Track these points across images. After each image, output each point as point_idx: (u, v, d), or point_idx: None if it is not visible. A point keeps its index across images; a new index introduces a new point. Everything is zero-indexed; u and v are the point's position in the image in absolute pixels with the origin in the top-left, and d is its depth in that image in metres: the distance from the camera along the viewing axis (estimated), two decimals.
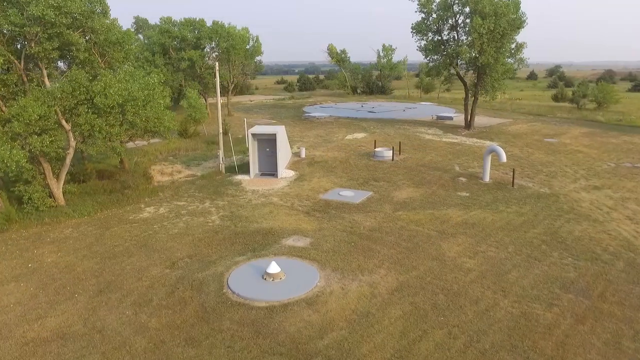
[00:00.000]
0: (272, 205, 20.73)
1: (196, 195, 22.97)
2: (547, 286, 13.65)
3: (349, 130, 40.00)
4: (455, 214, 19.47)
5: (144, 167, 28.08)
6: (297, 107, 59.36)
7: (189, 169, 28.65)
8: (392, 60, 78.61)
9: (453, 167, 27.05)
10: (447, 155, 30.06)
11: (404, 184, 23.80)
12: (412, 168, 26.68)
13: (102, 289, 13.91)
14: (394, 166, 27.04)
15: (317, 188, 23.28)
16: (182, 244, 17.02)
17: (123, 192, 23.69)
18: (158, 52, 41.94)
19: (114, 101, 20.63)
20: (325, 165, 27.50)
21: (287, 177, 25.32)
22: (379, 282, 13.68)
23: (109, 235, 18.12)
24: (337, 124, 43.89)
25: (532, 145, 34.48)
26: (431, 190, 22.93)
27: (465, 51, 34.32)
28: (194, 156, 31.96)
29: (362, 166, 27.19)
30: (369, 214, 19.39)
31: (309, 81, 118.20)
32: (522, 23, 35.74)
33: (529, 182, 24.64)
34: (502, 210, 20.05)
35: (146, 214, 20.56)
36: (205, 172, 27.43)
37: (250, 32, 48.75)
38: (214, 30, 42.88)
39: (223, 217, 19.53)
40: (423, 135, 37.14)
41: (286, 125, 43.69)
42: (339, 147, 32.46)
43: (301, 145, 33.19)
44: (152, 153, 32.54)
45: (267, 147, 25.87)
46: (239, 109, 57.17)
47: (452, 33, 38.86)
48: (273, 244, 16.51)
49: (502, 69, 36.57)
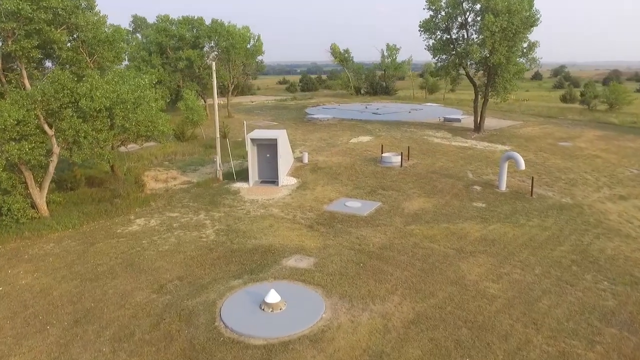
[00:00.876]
0: (272, 218, 19.05)
1: (190, 205, 21.32)
2: (584, 317, 11.95)
3: (353, 133, 38.30)
4: (472, 229, 17.77)
5: (136, 174, 26.44)
6: (299, 108, 57.69)
7: (184, 175, 27.02)
8: (397, 60, 76.88)
9: (466, 174, 25.33)
10: (458, 160, 28.35)
11: (414, 194, 22.10)
12: (422, 175, 24.97)
13: (78, 319, 12.26)
14: (403, 173, 25.34)
15: (321, 198, 21.60)
16: (172, 263, 15.38)
17: (112, 201, 22.07)
18: (155, 52, 40.32)
19: (101, 104, 19.05)
20: (329, 172, 25.82)
21: (289, 185, 23.66)
22: (393, 313, 11.99)
23: (93, 252, 16.48)
24: (340, 126, 42.19)
25: (546, 149, 32.74)
26: (444, 200, 21.22)
27: (476, 50, 32.58)
28: (190, 161, 30.33)
29: (369, 173, 25.50)
30: (378, 229, 17.70)
31: (311, 81, 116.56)
32: (536, 21, 34.00)
33: (548, 190, 22.91)
34: (523, 224, 18.34)
35: (135, 227, 18.92)
36: (201, 179, 25.79)
37: (251, 31, 47.12)
38: (213, 29, 41.25)
39: (218, 232, 17.87)
40: (431, 139, 35.41)
41: (288, 127, 42.05)
42: (343, 152, 30.78)
43: (304, 150, 31.51)
44: (147, 157, 30.94)
45: (267, 153, 24.22)
46: (239, 110, 55.53)
47: (461, 31, 37.14)
48: (273, 264, 14.84)
49: (514, 69, 34.83)
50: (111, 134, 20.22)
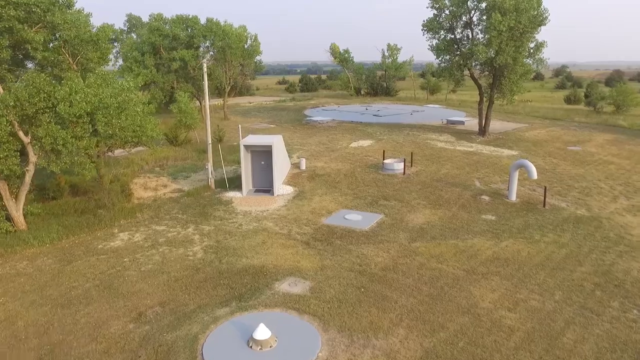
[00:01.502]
0: (266, 233, 17.61)
1: (179, 217, 19.89)
2: (616, 356, 10.52)
3: (353, 136, 36.88)
4: (483, 246, 16.33)
5: (124, 181, 24.99)
6: (298, 109, 56.27)
7: (175, 183, 25.59)
8: (398, 60, 75.45)
9: (473, 183, 23.90)
10: (464, 167, 26.91)
11: (419, 204, 20.66)
12: (426, 184, 23.53)
13: (42, 357, 10.84)
14: (406, 181, 23.90)
15: (319, 209, 20.17)
16: (154, 286, 13.96)
17: (96, 212, 20.64)
18: (148, 52, 38.88)
19: (81, 109, 17.59)
20: (328, 180, 24.39)
21: (285, 194, 22.22)
22: (399, 350, 10.56)
23: (70, 272, 15.06)
24: (340, 129, 40.76)
25: (555, 154, 31.31)
26: (451, 212, 19.79)
27: (482, 51, 31.14)
28: (183, 167, 28.88)
29: (370, 181, 24.06)
30: (380, 246, 16.26)
31: (311, 82, 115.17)
32: (544, 20, 32.55)
33: (561, 201, 21.48)
34: (537, 240, 16.90)
35: (118, 242, 17.50)
36: (193, 187, 24.35)
37: (248, 31, 45.69)
38: (208, 28, 39.80)
39: (207, 249, 16.44)
40: (435, 143, 33.98)
41: (286, 130, 40.66)
42: (343, 157, 29.34)
43: (301, 155, 30.09)
44: (138, 163, 29.48)
45: (262, 160, 22.79)
46: (236, 111, 54.10)
47: (465, 31, 35.68)
48: (264, 288, 13.41)
49: (520, 70, 33.39)
50: (93, 141, 18.76)
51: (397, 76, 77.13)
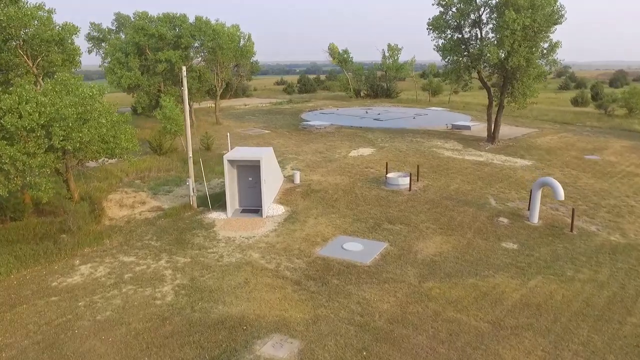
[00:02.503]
0: (250, 268, 14.94)
1: (152, 245, 17.22)
2: None
3: (353, 143, 34.24)
4: (508, 286, 13.69)
5: (97, 198, 22.32)
6: (294, 113, 53.62)
7: (155, 199, 22.94)
8: (399, 60, 72.80)
9: (487, 201, 21.26)
10: (475, 181, 24.26)
11: (428, 229, 18.00)
12: (435, 202, 20.88)
13: None
14: (413, 199, 21.24)
15: (313, 236, 17.49)
16: (108, 344, 11.31)
17: (58, 238, 17.98)
18: (132, 53, 36.19)
19: (32, 121, 14.95)
20: (324, 197, 21.72)
21: (275, 215, 19.57)
22: None
23: (9, 322, 12.40)
24: (339, 135, 38.11)
25: (572, 164, 28.68)
26: (466, 239, 17.13)
27: (494, 52, 28.47)
28: (165, 180, 26.22)
29: (372, 199, 21.40)
30: (386, 287, 13.61)
31: (310, 82, 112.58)
32: (560, 18, 29.92)
33: (589, 223, 18.85)
34: (571, 278, 14.26)
35: (77, 278, 14.85)
36: (173, 205, 21.69)
37: (241, 31, 43.02)
38: (197, 27, 37.14)
39: (179, 290, 13.78)
40: (441, 152, 31.34)
41: (281, 136, 38.01)
42: (341, 169, 26.68)
43: (295, 166, 27.45)
44: (117, 175, 26.85)
45: (249, 176, 20.14)
46: (229, 115, 51.41)
47: (474, 30, 33.04)
48: (242, 351, 10.76)
49: (534, 72, 30.74)
50: (50, 157, 16.13)
51: (397, 77, 74.49)
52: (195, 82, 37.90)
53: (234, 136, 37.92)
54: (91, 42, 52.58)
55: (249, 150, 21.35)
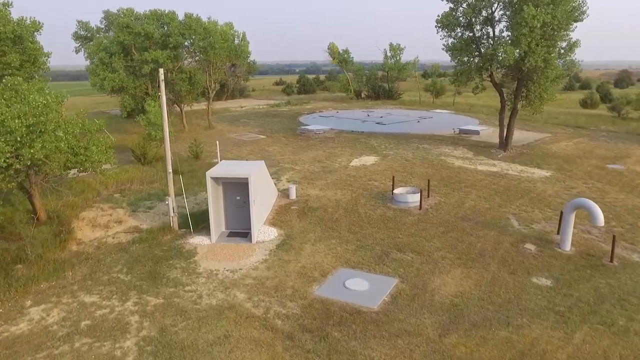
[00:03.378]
0: (233, 315, 12.35)
1: (120, 279, 14.65)
2: None
3: (354, 151, 31.67)
4: (550, 342, 11.11)
5: (66, 217, 19.75)
6: (293, 115, 51.04)
7: (134, 217, 20.40)
8: (401, 60, 70.23)
9: (509, 221, 18.69)
10: (492, 196, 21.69)
11: (445, 259, 15.43)
12: (450, 224, 18.30)
13: None
14: (424, 220, 18.66)
15: (310, 268, 14.92)
16: None
17: (12, 269, 15.42)
18: (117, 53, 33.61)
19: None
20: (323, 217, 19.15)
21: (267, 240, 16.99)
22: None
23: None
24: (339, 141, 35.55)
25: (595, 175, 26.11)
26: (489, 272, 14.57)
27: (510, 52, 25.87)
28: (148, 193, 23.64)
29: (378, 219, 18.82)
30: (398, 343, 11.03)
31: (309, 82, 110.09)
32: (582, 14, 27.35)
33: (630, 250, 16.28)
34: (625, 329, 11.68)
35: (23, 326, 12.29)
36: (152, 226, 19.14)
37: (235, 29, 40.48)
38: (187, 25, 34.58)
39: (144, 345, 11.21)
40: (451, 161, 28.77)
41: (277, 142, 35.44)
42: (342, 182, 24.11)
43: (292, 178, 24.89)
44: (95, 187, 24.30)
45: (237, 195, 17.59)
46: (224, 118, 48.82)
47: (485, 28, 30.45)
48: None
49: (552, 74, 28.16)
50: None
51: (400, 77, 71.92)
52: (185, 84, 35.32)
53: (226, 142, 35.39)
54: (78, 41, 49.93)
55: (237, 165, 18.75)
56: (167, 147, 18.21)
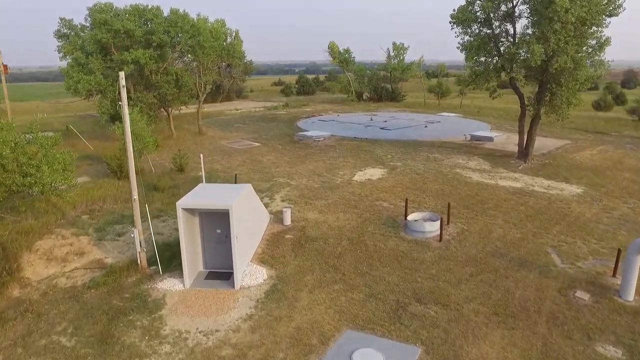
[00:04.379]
0: None
1: (61, 345, 11.34)
2: None
3: (358, 161, 28.41)
4: None
5: (14, 250, 16.46)
6: (290, 119, 47.77)
7: (99, 247, 17.16)
8: (405, 60, 66.99)
9: (549, 256, 15.40)
10: (523, 222, 18.40)
11: (478, 315, 12.12)
12: (479, 261, 15.01)
13: None
14: (447, 256, 15.36)
15: (307, 330, 11.61)
16: None
17: None
18: (95, 52, 30.32)
19: None
20: (323, 251, 15.86)
21: (254, 285, 13.69)
22: None
23: None
24: (341, 149, 32.29)
25: (635, 192, 22.82)
26: (538, 336, 11.26)
27: (537, 50, 22.55)
28: (121, 215, 20.41)
29: (390, 255, 15.52)
30: None
31: (308, 83, 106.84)
32: (617, 8, 24.07)
33: None
34: None
35: None
36: (117, 261, 15.87)
37: (227, 27, 37.16)
38: (172, 22, 31.28)
39: None
40: (467, 174, 25.50)
41: (272, 151, 32.13)
42: (345, 202, 20.84)
43: (287, 195, 21.63)
44: (60, 208, 21.06)
45: (217, 228, 14.30)
46: (216, 123, 45.54)
47: (504, 25, 27.16)
48: None
49: (582, 75, 24.87)
50: None
51: (403, 78, 68.65)
52: (171, 86, 32.01)
53: (216, 151, 32.09)
54: (62, 39, 46.50)
55: (217, 190, 15.36)
56: (132, 169, 14.84)
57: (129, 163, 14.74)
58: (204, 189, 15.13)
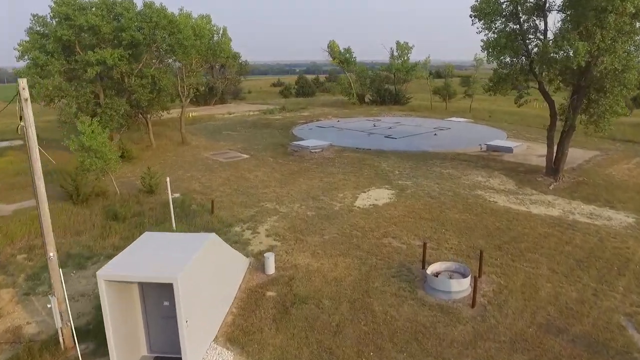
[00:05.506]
0: None
1: None
2: None
3: (360, 179, 24.29)
4: None
5: None
6: (285, 125, 43.63)
7: (23, 305, 13.21)
8: (409, 60, 62.78)
9: (624, 332, 11.23)
10: (575, 270, 14.22)
11: None
12: (530, 341, 10.81)
13: None
14: (484, 333, 11.16)
15: None
16: None
17: None
18: (56, 52, 26.21)
19: None
20: (315, 322, 11.69)
21: None
22: None
23: None
24: (340, 163, 28.15)
25: None
26: None
27: (583, 49, 18.32)
28: (66, 253, 16.34)
29: (404, 330, 11.34)
30: None
31: (308, 84, 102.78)
32: None
33: None
34: None
35: None
36: (39, 332, 11.77)
37: (213, 23, 33.01)
38: (147, 16, 27.15)
39: None
40: (491, 197, 21.35)
41: (262, 165, 27.77)
42: (345, 238, 16.68)
43: (274, 228, 17.47)
44: None
45: (164, 299, 10.15)
46: (204, 130, 41.43)
47: (532, 19, 22.96)
48: None
49: (632, 79, 20.64)
50: None
51: (408, 79, 64.38)
52: (147, 91, 27.87)
53: (198, 165, 27.87)
54: None
55: (164, 246, 11.11)
56: (44, 217, 10.61)
57: (37, 194, 10.52)
58: (147, 243, 10.95)
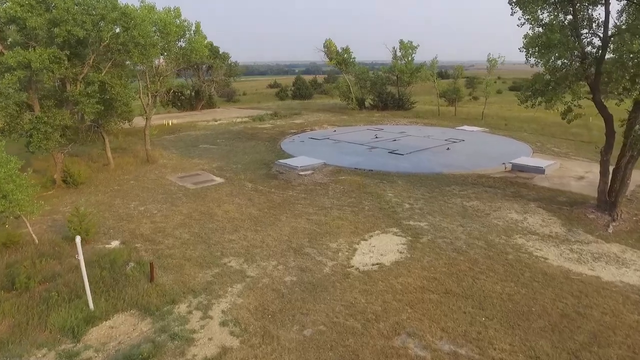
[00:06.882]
0: None
1: None
2: None
3: (360, 217, 18.62)
4: None
5: None
6: (274, 136, 37.99)
7: None
8: (413, 61, 57.12)
9: None
10: None
11: None
12: None
13: None
14: None
15: None
16: None
17: None
18: None
19: None
20: None
21: None
22: None
23: None
24: (335, 191, 22.49)
25: None
26: None
27: None
28: None
29: None
30: None
31: (305, 86, 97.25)
32: None
33: None
34: None
35: None
36: None
37: (184, 18, 27.28)
38: (90, 7, 21.52)
39: None
40: (537, 249, 15.67)
41: (236, 194, 20.20)
42: (337, 335, 11.01)
43: (233, 314, 11.71)
44: None
45: None
46: (179, 142, 35.76)
47: (588, 9, 17.31)
48: None
49: None
50: None
51: (412, 82, 58.68)
52: (93, 101, 22.18)
53: (156, 194, 21.75)
54: None
55: None
56: None
57: None
58: None
